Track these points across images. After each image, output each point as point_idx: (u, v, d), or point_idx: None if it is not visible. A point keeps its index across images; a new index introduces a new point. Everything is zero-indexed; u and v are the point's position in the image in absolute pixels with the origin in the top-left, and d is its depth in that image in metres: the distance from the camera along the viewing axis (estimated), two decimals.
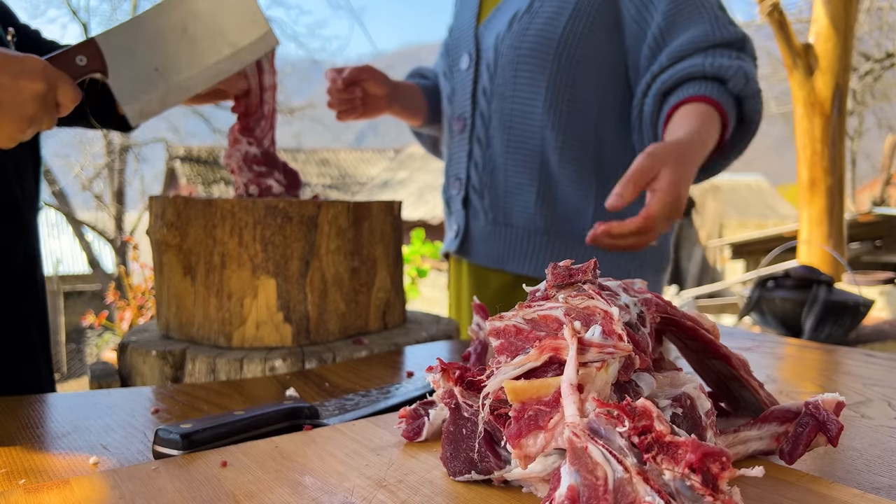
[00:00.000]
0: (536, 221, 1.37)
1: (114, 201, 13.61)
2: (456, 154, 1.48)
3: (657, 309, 0.58)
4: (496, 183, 1.40)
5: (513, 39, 1.34)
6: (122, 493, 0.51)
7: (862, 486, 0.53)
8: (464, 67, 1.44)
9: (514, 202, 1.39)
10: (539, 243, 1.38)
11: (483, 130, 1.42)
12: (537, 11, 1.33)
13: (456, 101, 1.48)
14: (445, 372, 0.55)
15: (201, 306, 1.03)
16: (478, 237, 1.45)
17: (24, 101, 0.81)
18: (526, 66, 1.34)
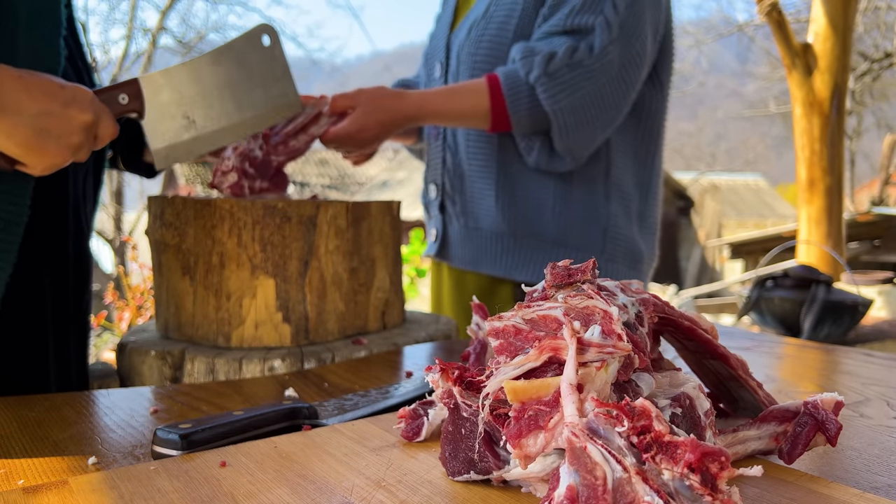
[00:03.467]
0: (500, 224, 1.39)
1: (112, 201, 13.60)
2: (433, 160, 1.51)
3: (655, 309, 0.58)
4: (464, 188, 1.43)
5: (470, 47, 1.37)
6: (120, 494, 0.51)
7: (861, 485, 0.54)
8: (437, 76, 1.47)
9: (479, 206, 1.41)
10: (506, 245, 1.40)
11: (452, 137, 1.45)
12: (491, 16, 1.34)
13: None
14: (444, 372, 0.55)
15: (200, 306, 1.03)
16: (454, 241, 1.48)
17: (72, 131, 0.82)
18: (480, 71, 1.35)
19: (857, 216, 7.82)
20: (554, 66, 1.21)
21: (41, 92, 0.79)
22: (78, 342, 1.10)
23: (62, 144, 0.82)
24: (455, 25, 1.48)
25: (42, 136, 0.80)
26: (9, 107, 0.77)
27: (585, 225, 1.38)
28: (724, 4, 52.61)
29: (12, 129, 0.78)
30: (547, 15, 1.28)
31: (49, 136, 0.81)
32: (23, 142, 0.79)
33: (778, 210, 19.53)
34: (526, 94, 1.22)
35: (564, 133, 1.26)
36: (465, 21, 1.43)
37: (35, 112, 0.79)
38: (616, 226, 1.40)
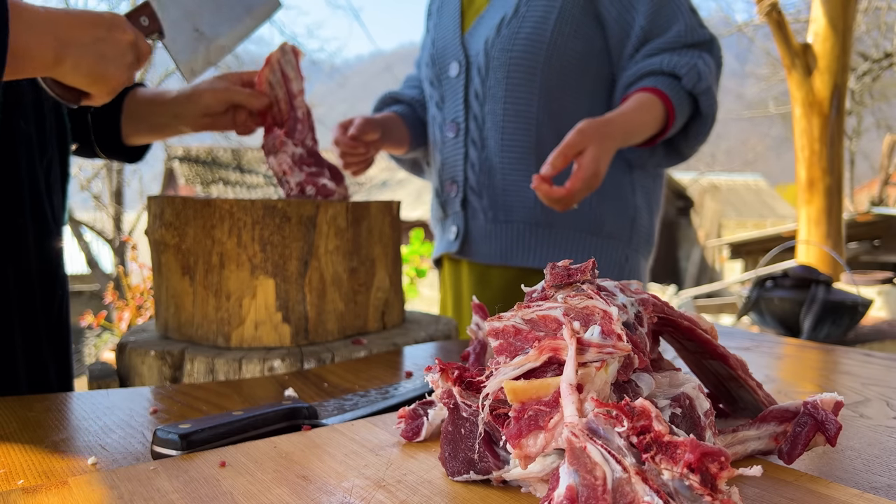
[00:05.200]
0: (537, 215, 1.43)
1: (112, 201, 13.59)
2: (451, 158, 1.52)
3: (654, 309, 0.58)
4: (494, 182, 1.45)
5: (504, 43, 1.41)
6: (120, 494, 0.51)
7: (860, 485, 0.54)
8: (453, 74, 1.49)
9: (514, 199, 1.44)
10: (541, 236, 1.44)
11: (477, 132, 1.47)
12: (525, 16, 1.40)
13: (447, 106, 1.52)
14: (444, 372, 0.55)
15: (200, 306, 1.03)
16: (478, 236, 1.49)
17: (124, 51, 0.90)
18: (518, 67, 1.40)
19: (856, 216, 7.83)
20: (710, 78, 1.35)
21: (87, 22, 0.86)
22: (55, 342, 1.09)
23: (119, 65, 0.90)
24: (465, 27, 1.50)
25: (102, 61, 0.88)
26: (70, 40, 0.84)
27: (616, 215, 1.45)
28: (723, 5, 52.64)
29: (78, 61, 0.85)
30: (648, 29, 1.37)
31: (107, 60, 0.88)
32: (88, 71, 0.87)
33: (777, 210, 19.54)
34: (687, 104, 1.34)
35: (704, 135, 1.40)
36: (486, 20, 1.46)
37: (89, 40, 0.86)
38: (640, 216, 1.49)
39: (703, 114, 1.37)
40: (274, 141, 1.18)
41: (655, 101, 1.30)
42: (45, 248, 1.07)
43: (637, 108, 1.28)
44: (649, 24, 1.37)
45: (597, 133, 1.18)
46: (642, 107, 1.28)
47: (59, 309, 1.11)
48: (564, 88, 1.41)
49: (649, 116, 1.29)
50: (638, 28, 1.37)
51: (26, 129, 1.03)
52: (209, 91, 1.18)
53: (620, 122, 1.24)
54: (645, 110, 1.28)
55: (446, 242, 1.56)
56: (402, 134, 1.61)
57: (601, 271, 1.42)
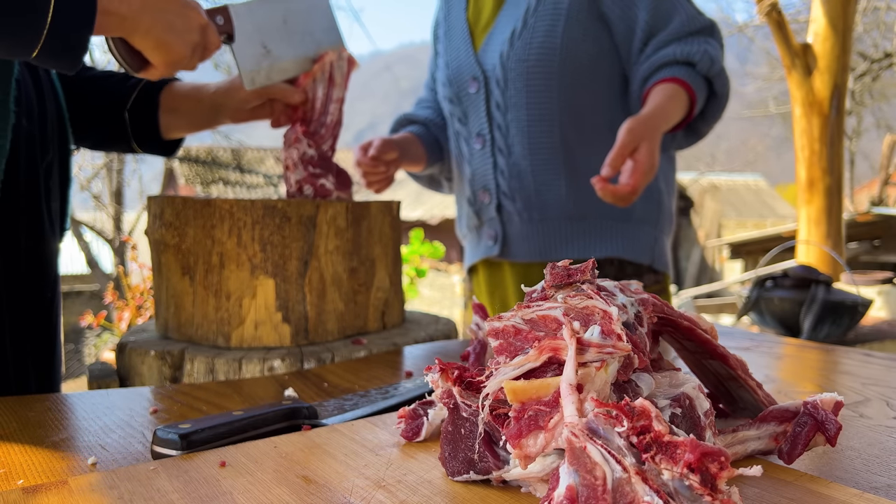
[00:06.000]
0: (570, 210, 1.51)
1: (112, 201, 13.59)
2: (480, 168, 1.59)
3: (654, 309, 0.58)
4: (525, 185, 1.53)
5: (518, 54, 1.48)
6: (120, 494, 0.51)
7: (860, 485, 0.54)
8: (473, 90, 1.57)
9: (546, 197, 1.52)
10: (577, 228, 1.52)
11: (503, 141, 1.55)
12: (534, 26, 1.48)
13: (471, 121, 1.60)
14: (444, 372, 0.55)
15: (200, 306, 1.03)
16: (516, 238, 1.57)
17: (192, 28, 0.95)
18: (535, 74, 1.48)
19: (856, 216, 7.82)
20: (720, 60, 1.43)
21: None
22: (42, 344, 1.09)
23: (185, 41, 0.94)
24: (477, 44, 1.58)
25: (169, 32, 0.92)
26: (148, 5, 0.89)
27: (644, 200, 1.52)
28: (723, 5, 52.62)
29: (151, 26, 0.90)
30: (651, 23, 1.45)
31: (174, 32, 0.92)
32: (157, 38, 0.91)
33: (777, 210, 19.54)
34: (704, 87, 1.42)
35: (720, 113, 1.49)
36: (496, 35, 1.54)
37: (164, 8, 0.91)
38: (664, 199, 1.57)
39: (717, 94, 1.45)
40: (291, 134, 1.20)
41: (679, 90, 1.38)
42: (37, 251, 1.07)
43: (667, 98, 1.36)
44: (652, 19, 1.44)
45: (645, 129, 1.25)
46: (671, 97, 1.36)
47: (49, 311, 1.11)
48: (581, 88, 1.49)
49: (678, 105, 1.37)
50: (642, 23, 1.45)
51: (28, 127, 1.03)
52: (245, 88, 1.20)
53: (660, 115, 1.32)
54: (674, 100, 1.36)
55: (484, 248, 1.63)
56: (419, 152, 1.69)
57: (633, 255, 1.51)
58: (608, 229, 1.52)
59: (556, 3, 1.46)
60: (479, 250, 1.66)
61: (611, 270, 1.51)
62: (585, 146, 1.51)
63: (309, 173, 1.19)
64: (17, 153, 1.01)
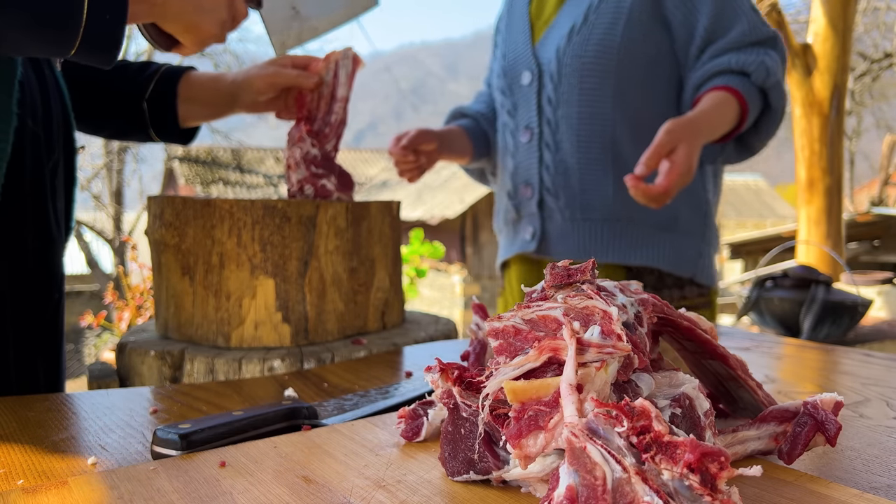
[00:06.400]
0: (616, 212, 1.50)
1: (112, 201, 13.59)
2: (524, 162, 1.58)
3: (654, 309, 0.58)
4: (570, 182, 1.51)
5: (575, 49, 1.48)
6: (120, 494, 0.51)
7: (860, 485, 0.54)
8: (525, 83, 1.56)
9: (592, 197, 1.50)
10: (620, 231, 1.50)
11: (551, 136, 1.53)
12: (594, 23, 1.47)
13: (520, 113, 1.59)
14: (444, 372, 0.55)
15: (200, 306, 1.03)
16: (555, 235, 1.55)
17: (220, 6, 0.96)
18: (590, 72, 1.47)
19: (856, 216, 7.82)
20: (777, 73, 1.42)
21: None
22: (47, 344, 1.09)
23: (213, 20, 0.96)
24: (535, 38, 1.58)
25: (198, 11, 0.93)
26: None
27: (691, 210, 1.52)
28: None
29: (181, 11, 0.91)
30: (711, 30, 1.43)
31: (203, 11, 0.94)
32: (187, 21, 0.93)
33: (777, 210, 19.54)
34: (758, 99, 1.41)
35: (774, 128, 1.47)
36: (556, 30, 1.53)
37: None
38: (710, 212, 1.55)
39: (772, 108, 1.43)
40: (295, 133, 1.19)
41: (730, 99, 1.36)
42: (43, 251, 1.07)
43: (715, 105, 1.34)
44: (713, 25, 1.43)
45: (686, 131, 1.24)
46: (719, 104, 1.34)
47: (55, 311, 1.11)
48: (636, 90, 1.48)
49: (726, 113, 1.35)
50: (702, 29, 1.44)
51: (34, 128, 1.03)
52: (260, 76, 1.21)
53: (704, 120, 1.30)
54: (722, 108, 1.34)
55: (521, 243, 1.60)
56: (465, 145, 1.69)
57: (674, 267, 1.49)
58: (651, 237, 1.49)
59: (619, 2, 1.45)
60: (514, 245, 1.64)
61: (650, 280, 1.49)
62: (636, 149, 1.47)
63: (311, 173, 1.19)
64: (23, 154, 1.01)
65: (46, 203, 1.07)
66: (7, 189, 0.97)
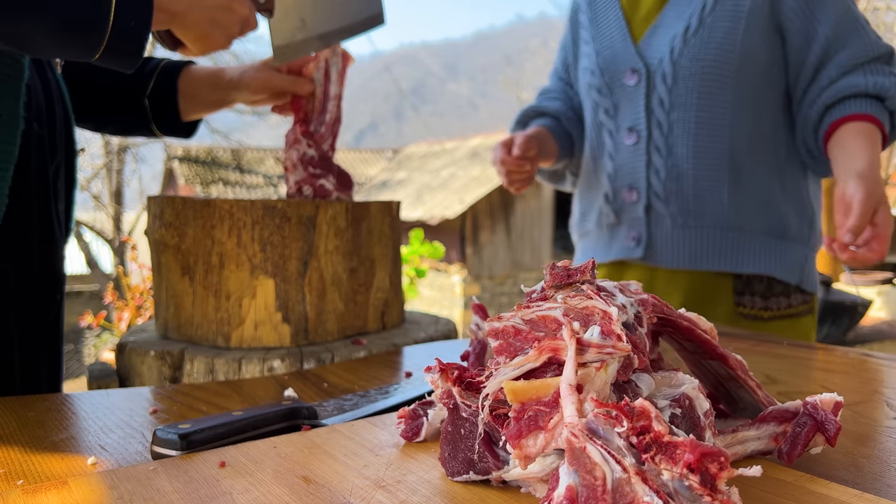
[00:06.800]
0: (729, 220, 1.48)
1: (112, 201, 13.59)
2: (629, 164, 1.54)
3: (654, 309, 0.58)
4: (683, 188, 1.48)
5: (694, 52, 1.45)
6: (120, 494, 0.51)
7: (860, 485, 0.54)
8: (631, 83, 1.52)
9: (705, 204, 1.48)
10: (732, 240, 1.48)
11: (662, 140, 1.49)
12: (712, 26, 1.44)
13: (623, 114, 1.54)
14: (444, 372, 0.55)
15: (200, 306, 1.03)
16: (664, 241, 1.51)
17: (235, 23, 0.99)
18: (710, 76, 1.45)
19: None
20: None
21: None
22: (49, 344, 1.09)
23: (225, 35, 0.98)
24: (636, 35, 1.53)
25: (212, 26, 0.96)
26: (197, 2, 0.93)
27: (798, 218, 1.51)
28: None
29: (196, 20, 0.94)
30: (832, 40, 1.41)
31: (217, 27, 0.97)
32: (199, 31, 0.96)
33: None
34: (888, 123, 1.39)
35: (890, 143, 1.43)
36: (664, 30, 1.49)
37: (211, 5, 0.95)
38: (816, 220, 1.55)
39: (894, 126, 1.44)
40: (291, 135, 1.20)
41: (874, 131, 1.36)
42: (47, 252, 1.07)
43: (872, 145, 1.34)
44: (833, 36, 1.41)
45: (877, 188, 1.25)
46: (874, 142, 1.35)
47: (57, 311, 1.11)
48: (752, 96, 1.46)
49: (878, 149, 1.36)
50: (822, 39, 1.42)
51: (39, 131, 1.04)
52: (255, 79, 1.22)
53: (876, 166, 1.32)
54: (875, 144, 1.35)
55: (621, 248, 1.56)
56: (552, 147, 1.64)
57: (784, 274, 1.48)
58: (762, 245, 1.49)
59: (736, 5, 1.43)
60: (611, 250, 1.58)
61: (760, 288, 1.48)
62: (750, 156, 1.48)
63: (309, 174, 1.19)
64: (29, 157, 1.01)
65: (50, 205, 1.07)
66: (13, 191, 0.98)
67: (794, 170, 1.51)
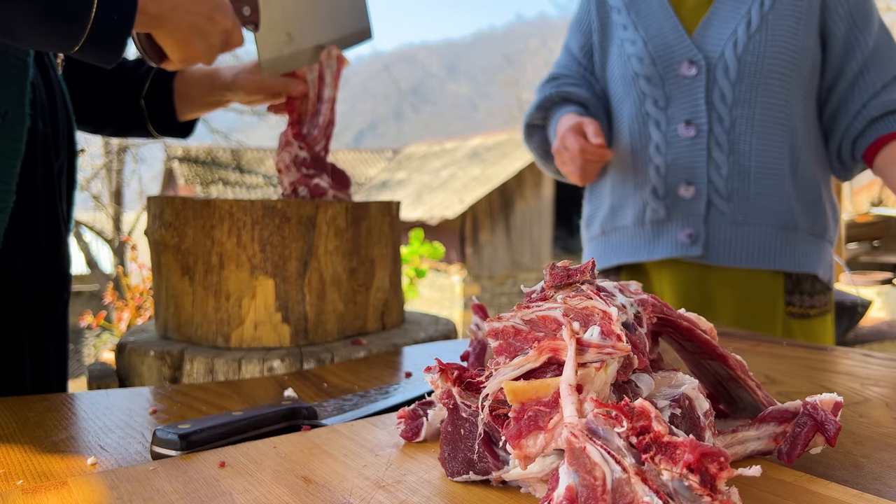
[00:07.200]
0: (788, 219, 1.48)
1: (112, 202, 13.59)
2: (685, 158, 1.49)
3: (653, 309, 0.58)
4: (746, 187, 1.46)
5: (759, 48, 1.44)
6: (120, 494, 0.51)
7: (860, 485, 0.54)
8: (690, 74, 1.47)
9: (767, 204, 1.47)
10: (787, 239, 1.49)
11: (724, 135, 1.47)
12: (773, 23, 1.44)
13: (677, 106, 1.49)
14: (444, 372, 0.55)
15: (199, 307, 1.03)
16: (721, 239, 1.48)
17: (215, 33, 0.99)
18: (773, 74, 1.44)
19: (856, 217, 7.82)
20: None
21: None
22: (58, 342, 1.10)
23: (206, 44, 0.98)
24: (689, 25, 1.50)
25: (193, 33, 0.96)
26: (178, 5, 0.93)
27: (834, 221, 1.54)
28: None
29: (176, 25, 0.94)
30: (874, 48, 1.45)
31: (198, 34, 0.96)
32: (181, 37, 0.95)
33: None
34: None
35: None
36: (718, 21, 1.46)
37: (194, 11, 0.95)
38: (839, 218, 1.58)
39: None
40: (282, 137, 1.19)
41: None
42: (55, 251, 1.08)
43: None
44: (874, 46, 1.44)
45: None
46: None
47: (64, 310, 1.12)
48: (803, 97, 1.48)
49: None
50: (864, 48, 1.44)
51: (44, 129, 1.04)
52: (249, 80, 1.23)
53: None
54: None
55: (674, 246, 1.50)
56: None
57: (825, 273, 1.51)
58: (810, 245, 1.50)
59: (794, 6, 1.43)
60: (656, 248, 1.52)
61: (807, 286, 1.50)
62: (805, 156, 1.49)
63: (302, 174, 1.18)
64: (35, 155, 1.02)
65: (56, 204, 1.08)
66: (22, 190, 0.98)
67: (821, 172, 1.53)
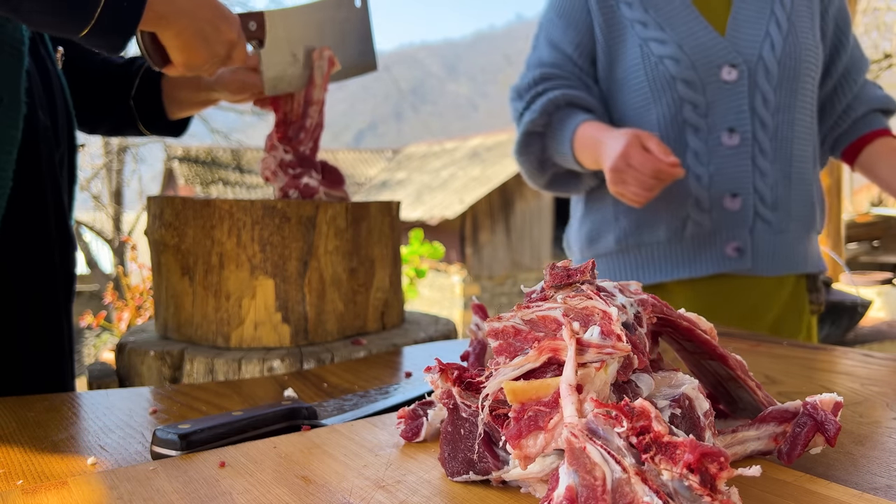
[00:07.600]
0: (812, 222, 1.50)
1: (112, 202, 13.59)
2: (729, 168, 1.40)
3: (653, 309, 0.58)
4: (787, 194, 1.43)
5: (792, 51, 1.40)
6: (119, 494, 0.51)
7: (860, 485, 0.54)
8: (731, 78, 1.39)
9: (801, 209, 1.47)
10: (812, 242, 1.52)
11: (768, 142, 1.41)
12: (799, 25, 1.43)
13: (718, 112, 1.40)
14: (444, 372, 0.55)
15: (199, 307, 1.03)
16: (766, 251, 1.43)
17: (221, 42, 0.99)
18: (805, 77, 1.44)
19: (856, 217, 7.82)
20: None
21: (208, 3, 0.96)
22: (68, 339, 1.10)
23: (210, 51, 0.98)
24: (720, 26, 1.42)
25: (199, 39, 0.96)
26: (186, 9, 0.93)
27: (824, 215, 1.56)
28: None
29: (183, 28, 0.94)
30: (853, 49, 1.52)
31: (203, 41, 0.96)
32: (185, 41, 0.95)
33: None
34: None
35: None
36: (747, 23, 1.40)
37: (201, 17, 0.95)
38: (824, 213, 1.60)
39: None
40: (268, 141, 1.18)
41: None
42: (64, 247, 1.08)
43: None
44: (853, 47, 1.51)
45: None
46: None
47: (69, 300, 1.12)
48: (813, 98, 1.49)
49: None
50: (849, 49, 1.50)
51: (45, 120, 1.04)
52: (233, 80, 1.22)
53: None
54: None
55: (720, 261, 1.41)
56: None
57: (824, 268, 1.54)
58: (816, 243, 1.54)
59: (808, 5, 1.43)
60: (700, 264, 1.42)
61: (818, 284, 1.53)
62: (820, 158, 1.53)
63: (290, 177, 1.16)
64: (38, 147, 1.02)
65: (61, 194, 1.08)
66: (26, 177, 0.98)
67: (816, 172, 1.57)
